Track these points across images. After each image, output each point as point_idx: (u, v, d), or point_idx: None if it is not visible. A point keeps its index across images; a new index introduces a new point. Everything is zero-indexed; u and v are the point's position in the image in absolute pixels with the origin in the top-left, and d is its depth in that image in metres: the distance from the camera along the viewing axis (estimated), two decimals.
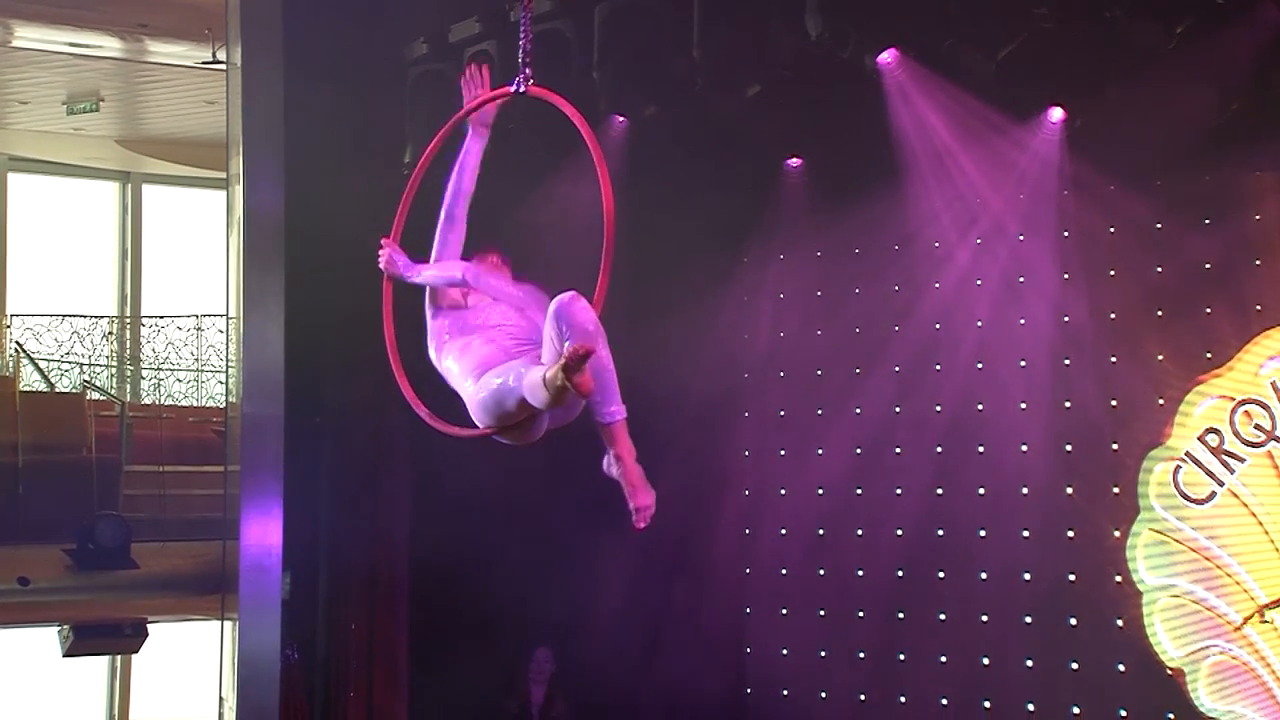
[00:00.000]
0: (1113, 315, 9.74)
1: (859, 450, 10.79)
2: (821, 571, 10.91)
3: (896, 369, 10.60)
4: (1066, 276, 9.90)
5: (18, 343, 15.03)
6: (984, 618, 10.05)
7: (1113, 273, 9.75)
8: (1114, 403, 9.71)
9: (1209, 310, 9.36)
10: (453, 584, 10.57)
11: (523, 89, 4.91)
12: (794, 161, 10.86)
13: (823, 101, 9.52)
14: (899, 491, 10.52)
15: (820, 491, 10.97)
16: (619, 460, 4.81)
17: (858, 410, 10.81)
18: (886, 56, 9.22)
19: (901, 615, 10.45)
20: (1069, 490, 9.84)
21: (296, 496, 10.16)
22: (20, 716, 15.21)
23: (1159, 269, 9.58)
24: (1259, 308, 9.19)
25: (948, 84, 9.16)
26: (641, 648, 10.78)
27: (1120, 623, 9.54)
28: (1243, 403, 9.21)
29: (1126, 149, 9.18)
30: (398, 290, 5.19)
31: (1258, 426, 9.15)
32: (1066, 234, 9.88)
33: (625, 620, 10.69)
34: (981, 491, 10.14)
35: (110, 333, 16.11)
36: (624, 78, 9.28)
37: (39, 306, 15.79)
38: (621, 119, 9.69)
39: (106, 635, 12.13)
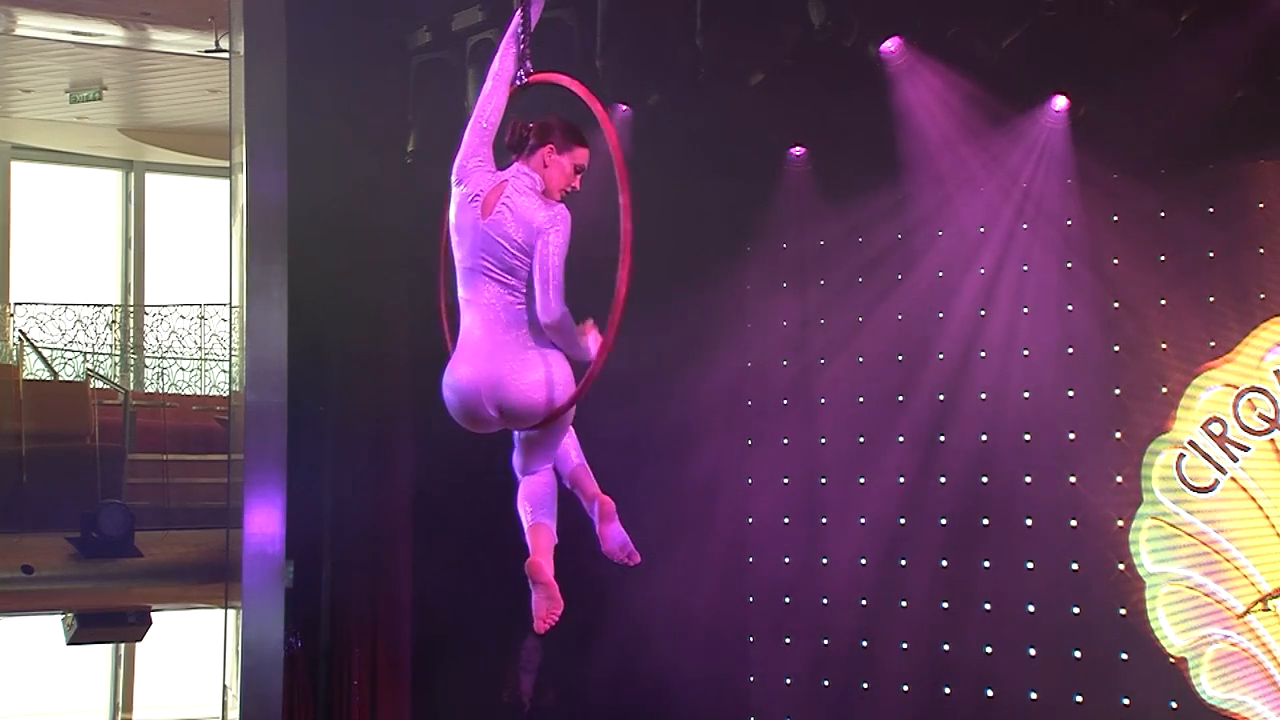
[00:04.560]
0: (1116, 304, 9.73)
1: (861, 439, 10.80)
2: (824, 560, 10.92)
3: (900, 357, 10.61)
4: (1070, 265, 9.90)
5: (21, 331, 15.04)
6: (986, 606, 10.06)
7: (1116, 261, 9.74)
8: (1117, 391, 9.71)
9: (1212, 299, 9.35)
10: (456, 571, 10.60)
11: (524, 80, 4.85)
12: (797, 150, 10.86)
13: (826, 90, 9.52)
14: (901, 479, 10.52)
15: (823, 480, 10.99)
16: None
17: (860, 399, 10.82)
18: (890, 45, 9.23)
19: (904, 604, 10.45)
20: (1072, 479, 9.84)
21: (299, 485, 10.19)
22: (25, 704, 15.24)
23: (1162, 257, 9.57)
24: (1262, 296, 9.18)
25: (951, 72, 9.16)
26: (643, 635, 10.79)
27: (1123, 611, 9.54)
28: (1246, 391, 9.20)
29: (1130, 137, 9.17)
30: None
31: (1261, 415, 9.14)
32: (1070, 222, 9.87)
33: (625, 608, 10.70)
34: (985, 480, 10.15)
35: (114, 321, 16.11)
36: (627, 66, 9.28)
37: (42, 295, 15.79)
38: (625, 107, 9.69)
39: (110, 623, 12.14)
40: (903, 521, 10.49)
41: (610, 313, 4.44)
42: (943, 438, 10.38)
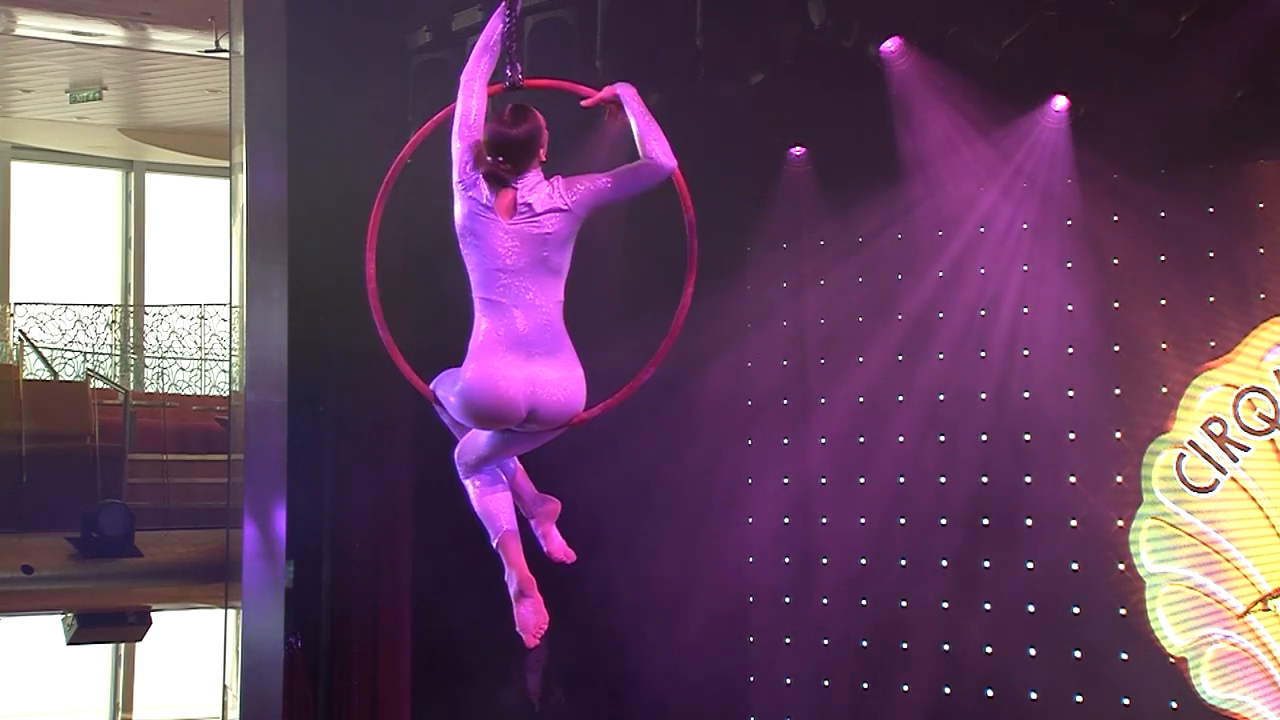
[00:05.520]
0: (1116, 304, 9.73)
1: (861, 439, 10.80)
2: (824, 560, 10.92)
3: (900, 358, 10.60)
4: (1070, 265, 9.90)
5: (21, 331, 15.04)
6: (987, 606, 10.06)
7: (1116, 261, 9.74)
8: (1117, 391, 9.71)
9: (1212, 299, 9.35)
10: (457, 570, 10.59)
11: (518, 83, 4.84)
12: (797, 150, 10.85)
13: (826, 90, 9.52)
14: (902, 479, 10.52)
15: (823, 481, 10.99)
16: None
17: (860, 399, 10.82)
18: (889, 45, 9.24)
19: (904, 603, 10.45)
20: (1072, 479, 9.84)
21: (300, 484, 10.18)
22: (24, 705, 15.24)
23: (1162, 257, 9.58)
24: (1262, 296, 9.19)
25: (951, 72, 9.17)
26: (643, 635, 10.79)
27: (1123, 611, 9.54)
28: (1246, 391, 9.20)
29: (1130, 137, 9.17)
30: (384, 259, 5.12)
31: (1261, 415, 9.14)
32: (1070, 222, 9.88)
33: (626, 608, 10.70)
34: (985, 480, 10.15)
35: (114, 321, 16.11)
36: (627, 66, 9.26)
37: (43, 295, 15.80)
38: None
39: (110, 623, 12.14)
40: (902, 522, 10.49)
41: (671, 324, 4.42)
42: (943, 438, 10.38)
